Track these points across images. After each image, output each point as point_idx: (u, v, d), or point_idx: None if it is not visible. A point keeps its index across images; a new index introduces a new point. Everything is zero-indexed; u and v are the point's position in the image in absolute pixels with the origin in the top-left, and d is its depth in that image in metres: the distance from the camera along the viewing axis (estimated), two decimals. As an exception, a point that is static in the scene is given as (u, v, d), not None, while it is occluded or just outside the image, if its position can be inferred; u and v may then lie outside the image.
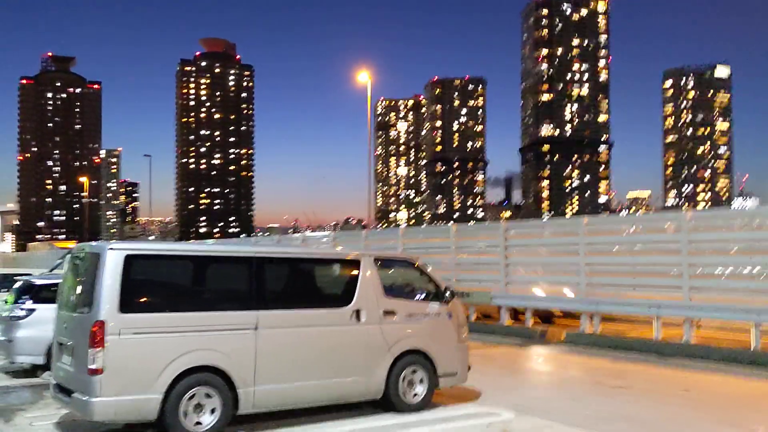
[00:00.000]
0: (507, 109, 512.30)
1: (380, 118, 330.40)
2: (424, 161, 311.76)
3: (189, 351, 7.06)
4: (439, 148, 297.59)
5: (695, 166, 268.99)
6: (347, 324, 8.10)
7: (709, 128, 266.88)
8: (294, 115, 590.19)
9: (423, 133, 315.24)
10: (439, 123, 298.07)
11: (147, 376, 6.84)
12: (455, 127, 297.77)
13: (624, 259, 14.86)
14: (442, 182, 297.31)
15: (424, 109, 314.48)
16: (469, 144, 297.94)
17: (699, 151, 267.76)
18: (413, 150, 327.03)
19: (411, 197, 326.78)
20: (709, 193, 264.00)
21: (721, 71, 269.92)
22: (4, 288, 17.86)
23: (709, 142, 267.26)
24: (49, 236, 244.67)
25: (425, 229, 27.35)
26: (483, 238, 18.44)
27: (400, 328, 8.45)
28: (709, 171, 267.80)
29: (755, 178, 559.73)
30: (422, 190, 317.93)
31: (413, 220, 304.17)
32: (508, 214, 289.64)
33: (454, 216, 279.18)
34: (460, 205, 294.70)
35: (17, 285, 12.12)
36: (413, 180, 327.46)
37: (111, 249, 6.96)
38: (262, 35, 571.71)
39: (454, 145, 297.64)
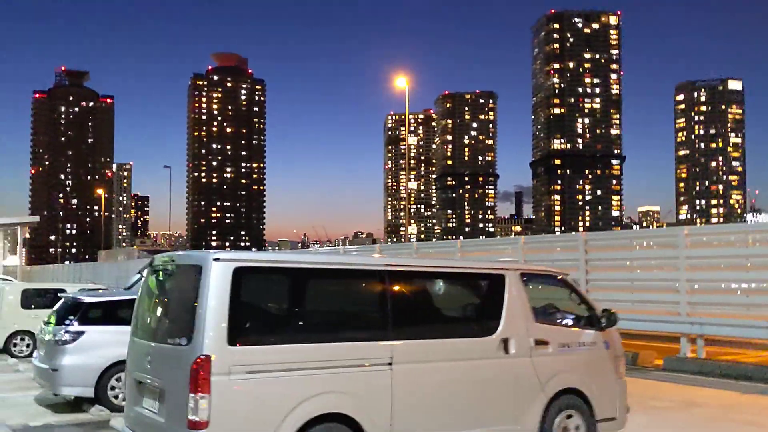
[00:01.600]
0: (518, 124, 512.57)
1: (390, 132, 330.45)
2: (435, 176, 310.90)
3: (313, 395, 5.39)
4: (449, 162, 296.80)
5: (707, 181, 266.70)
6: (493, 357, 6.38)
7: (721, 142, 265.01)
8: (304, 129, 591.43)
9: (434, 147, 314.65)
10: (449, 137, 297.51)
11: (263, 429, 5.18)
12: (466, 141, 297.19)
13: (735, 275, 13.16)
14: (453, 196, 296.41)
15: (434, 123, 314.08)
16: (480, 158, 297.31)
17: (712, 165, 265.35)
18: (423, 164, 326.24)
19: (421, 211, 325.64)
20: (722, 208, 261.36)
21: (734, 85, 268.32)
22: (36, 305, 16.33)
23: (721, 157, 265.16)
24: (60, 250, 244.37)
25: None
26: (557, 251, 16.77)
27: (554, 361, 6.73)
28: (721, 186, 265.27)
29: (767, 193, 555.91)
30: (432, 204, 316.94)
31: (422, 235, 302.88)
32: (518, 228, 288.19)
33: (465, 230, 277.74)
34: (470, 219, 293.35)
35: (61, 303, 10.52)
36: (423, 194, 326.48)
37: (217, 260, 5.24)
38: (274, 50, 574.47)
39: (465, 159, 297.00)
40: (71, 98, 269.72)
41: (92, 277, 45.04)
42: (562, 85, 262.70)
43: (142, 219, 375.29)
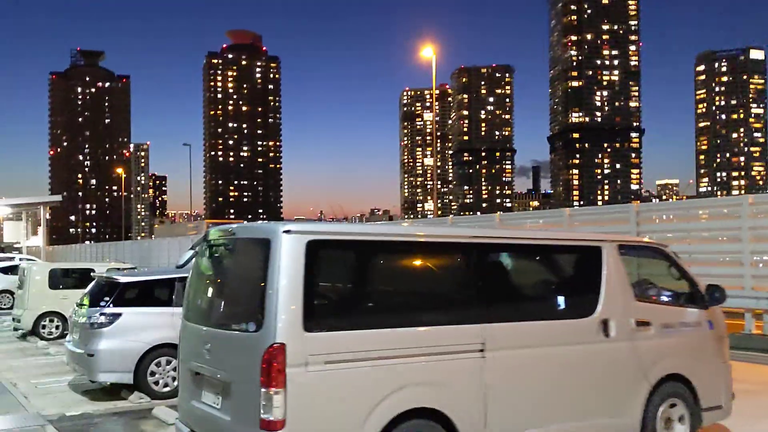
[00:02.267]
0: (535, 97, 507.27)
1: (406, 108, 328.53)
2: (451, 151, 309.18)
3: (400, 388, 4.68)
4: (466, 137, 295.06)
5: (728, 153, 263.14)
6: (592, 340, 5.62)
7: (743, 113, 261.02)
8: (320, 106, 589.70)
9: (450, 122, 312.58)
10: (465, 112, 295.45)
11: (344, 428, 4.53)
12: (482, 116, 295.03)
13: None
14: (470, 172, 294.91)
15: (450, 99, 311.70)
16: (497, 133, 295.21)
17: (733, 137, 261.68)
18: (439, 140, 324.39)
19: (438, 187, 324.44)
20: (743, 180, 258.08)
21: (755, 54, 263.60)
22: (65, 285, 15.74)
23: (743, 128, 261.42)
24: (80, 230, 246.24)
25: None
26: (606, 224, 15.89)
27: (657, 345, 5.95)
28: (743, 157, 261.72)
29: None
30: (449, 179, 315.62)
31: (440, 211, 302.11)
32: (536, 203, 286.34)
33: (482, 206, 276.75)
34: (487, 194, 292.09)
35: (94, 284, 9.87)
36: (440, 170, 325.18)
37: (287, 232, 4.51)
38: (288, 27, 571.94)
39: (482, 135, 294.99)
40: (87, 78, 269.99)
41: (115, 257, 44.75)
42: (580, 58, 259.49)
43: (160, 199, 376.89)
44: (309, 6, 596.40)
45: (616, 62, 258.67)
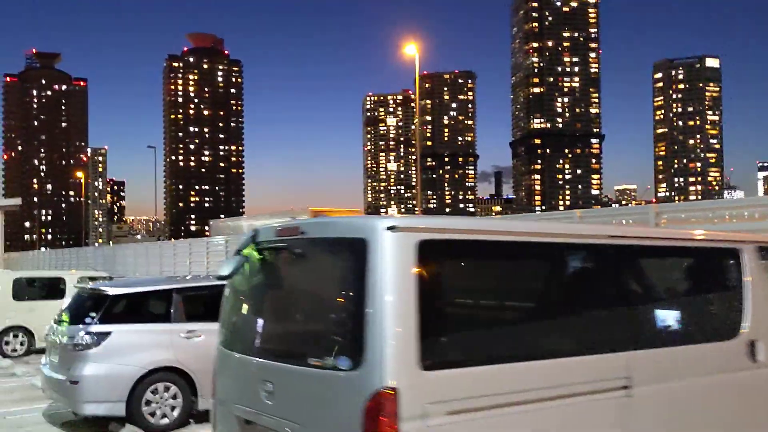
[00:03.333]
0: (497, 103, 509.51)
1: (369, 113, 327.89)
2: (414, 157, 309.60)
3: None
4: (429, 143, 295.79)
5: (685, 159, 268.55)
6: (738, 367, 4.53)
7: (699, 120, 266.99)
8: (282, 111, 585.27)
9: (413, 128, 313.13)
10: (429, 118, 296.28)
11: None
12: (445, 121, 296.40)
13: None
14: (433, 177, 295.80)
15: (413, 104, 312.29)
16: (459, 139, 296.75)
17: (689, 143, 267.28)
18: (403, 145, 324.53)
19: (401, 192, 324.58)
20: (700, 186, 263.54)
21: (711, 63, 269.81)
22: (31, 296, 14.14)
23: (699, 134, 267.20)
24: (36, 237, 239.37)
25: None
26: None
27: None
28: (699, 163, 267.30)
29: (744, 171, 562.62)
30: (412, 185, 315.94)
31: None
32: (498, 208, 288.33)
33: (446, 211, 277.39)
34: (450, 199, 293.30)
35: (76, 296, 8.45)
36: (403, 176, 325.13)
37: (392, 229, 3.39)
38: (250, 30, 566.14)
39: (444, 140, 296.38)
40: (43, 81, 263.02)
41: (77, 264, 42.72)
42: (542, 64, 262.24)
43: (118, 204, 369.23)
44: (271, 10, 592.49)
45: (576, 69, 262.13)
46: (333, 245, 3.76)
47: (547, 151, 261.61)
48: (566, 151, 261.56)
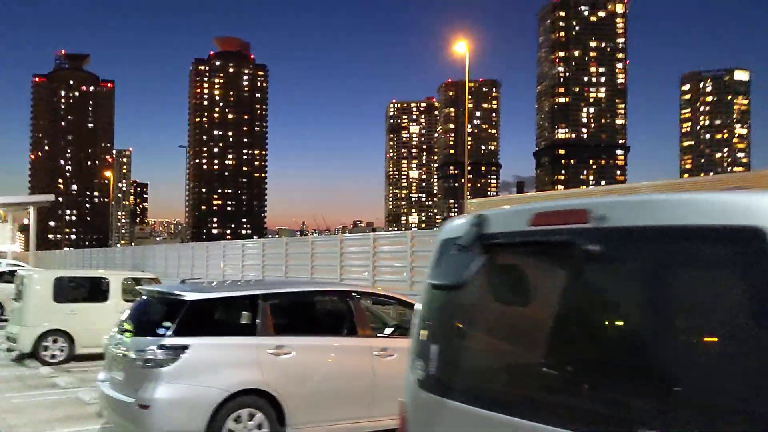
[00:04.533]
0: (522, 113, 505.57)
1: (392, 120, 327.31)
2: (437, 164, 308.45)
3: None
4: (452, 151, 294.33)
5: (712, 172, 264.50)
6: None
7: (727, 133, 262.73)
8: (306, 116, 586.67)
9: (436, 135, 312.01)
10: (452, 126, 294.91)
11: None
12: (468, 129, 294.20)
13: None
14: (455, 185, 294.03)
15: (437, 112, 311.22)
16: (483, 147, 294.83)
17: (716, 157, 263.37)
18: (425, 153, 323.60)
19: (423, 200, 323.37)
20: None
21: (740, 75, 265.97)
22: (72, 298, 13.00)
23: (726, 148, 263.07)
24: (60, 237, 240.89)
25: None
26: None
27: None
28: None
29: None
30: (434, 193, 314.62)
31: (423, 224, 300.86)
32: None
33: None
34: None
35: (142, 302, 7.22)
36: (425, 183, 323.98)
37: None
38: (277, 35, 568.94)
39: (468, 148, 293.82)
40: (71, 82, 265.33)
41: (105, 264, 41.78)
42: (567, 74, 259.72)
43: (141, 206, 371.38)
44: (298, 15, 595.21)
45: (603, 79, 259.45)
46: (682, 239, 2.31)
47: (572, 161, 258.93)
48: (591, 162, 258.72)
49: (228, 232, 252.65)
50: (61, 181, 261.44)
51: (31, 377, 11.10)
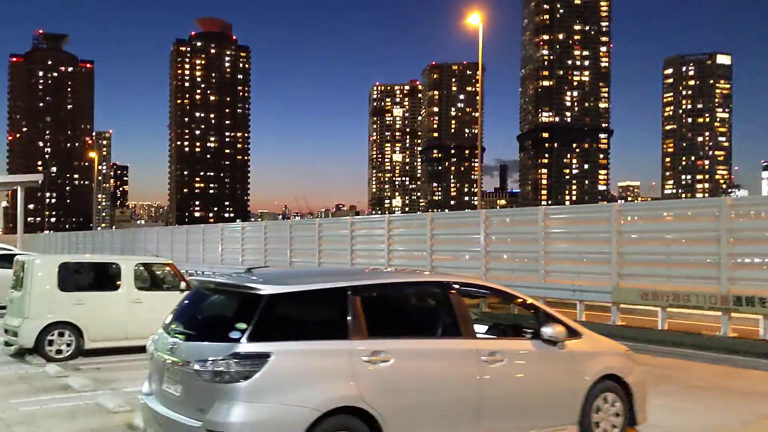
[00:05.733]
0: (505, 96, 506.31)
1: (375, 103, 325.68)
2: (420, 148, 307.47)
3: None
4: (435, 134, 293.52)
5: (694, 156, 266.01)
6: None
7: (708, 117, 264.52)
8: (288, 99, 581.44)
9: (419, 119, 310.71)
10: (436, 109, 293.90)
11: None
12: (452, 113, 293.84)
13: None
14: (439, 169, 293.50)
15: (420, 95, 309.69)
16: (467, 130, 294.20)
17: (698, 140, 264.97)
18: (409, 137, 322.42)
19: (406, 184, 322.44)
20: (707, 184, 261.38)
21: (722, 59, 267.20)
22: (79, 286, 11.59)
23: (708, 132, 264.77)
24: (39, 219, 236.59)
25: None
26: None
27: None
28: (707, 161, 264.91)
29: (749, 170, 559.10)
30: (417, 176, 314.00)
31: (407, 208, 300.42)
32: (503, 202, 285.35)
33: (451, 203, 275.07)
34: (456, 192, 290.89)
35: (194, 293, 5.82)
36: (408, 167, 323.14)
37: None
38: (259, 16, 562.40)
39: (451, 132, 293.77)
40: (49, 62, 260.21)
41: (92, 247, 40.19)
42: (551, 57, 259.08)
43: (121, 189, 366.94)
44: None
45: (587, 63, 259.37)
46: None
47: (555, 145, 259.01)
48: (574, 145, 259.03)
49: (210, 215, 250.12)
50: (40, 163, 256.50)
51: (38, 377, 9.70)
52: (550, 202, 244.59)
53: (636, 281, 14.18)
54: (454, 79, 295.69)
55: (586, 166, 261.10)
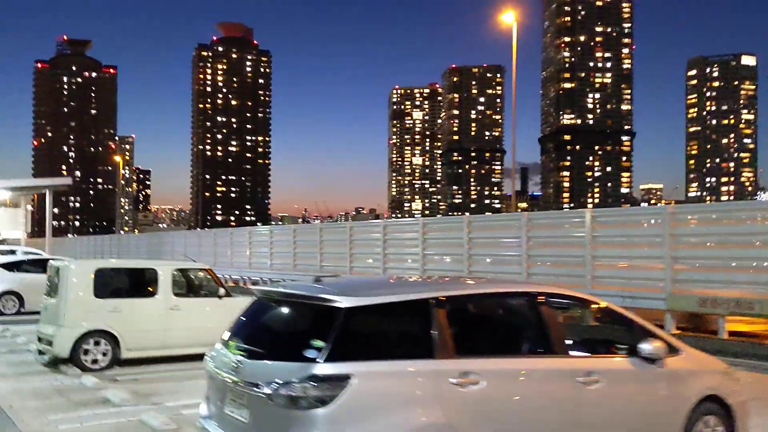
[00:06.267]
0: (526, 98, 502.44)
1: (395, 106, 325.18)
2: (440, 151, 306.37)
3: None
4: (455, 137, 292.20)
5: (718, 158, 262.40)
6: None
7: (733, 119, 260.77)
8: (309, 102, 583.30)
9: (439, 122, 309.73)
10: (456, 112, 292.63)
11: None
12: (473, 115, 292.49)
13: None
14: (459, 172, 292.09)
15: (440, 98, 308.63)
16: (487, 133, 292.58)
17: (723, 142, 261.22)
18: (428, 139, 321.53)
19: (426, 187, 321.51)
20: (732, 186, 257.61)
21: (747, 60, 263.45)
22: (115, 292, 11.12)
23: (733, 133, 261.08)
24: (63, 223, 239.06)
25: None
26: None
27: None
28: (732, 163, 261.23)
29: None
30: (437, 179, 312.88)
31: (427, 211, 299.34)
32: (524, 205, 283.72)
33: (471, 206, 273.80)
34: (476, 195, 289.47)
35: (260, 304, 5.13)
36: (428, 170, 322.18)
37: None
38: (280, 21, 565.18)
39: (471, 134, 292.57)
40: (74, 68, 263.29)
41: (118, 251, 39.96)
42: (573, 59, 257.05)
43: (143, 193, 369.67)
44: (301, 1, 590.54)
45: (608, 65, 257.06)
46: None
47: (577, 147, 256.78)
48: (596, 147, 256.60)
49: (232, 218, 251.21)
50: (64, 167, 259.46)
51: (75, 390, 9.20)
52: (572, 205, 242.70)
53: (693, 287, 13.53)
54: (474, 82, 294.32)
55: (608, 169, 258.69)
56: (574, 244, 16.08)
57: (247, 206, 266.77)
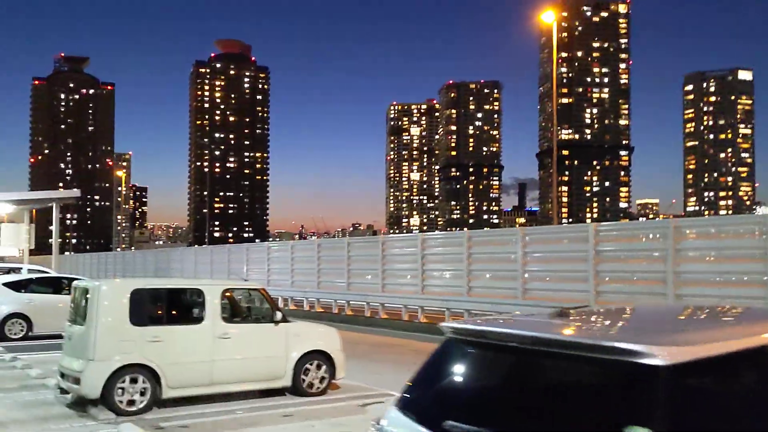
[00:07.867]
0: (524, 113, 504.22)
1: (393, 122, 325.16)
2: (438, 166, 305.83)
3: None
4: (453, 153, 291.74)
5: (716, 172, 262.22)
6: None
7: (731, 133, 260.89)
8: (306, 119, 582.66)
9: (437, 137, 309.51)
10: (453, 127, 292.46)
11: None
12: (470, 131, 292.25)
13: None
14: (457, 187, 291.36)
15: (438, 114, 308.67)
16: (485, 149, 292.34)
17: (720, 157, 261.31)
18: (426, 155, 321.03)
19: (424, 203, 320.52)
20: (731, 200, 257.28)
21: (744, 75, 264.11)
22: (154, 319, 9.29)
23: (730, 148, 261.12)
24: (60, 240, 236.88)
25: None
26: None
27: None
28: (730, 177, 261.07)
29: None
30: (435, 195, 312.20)
31: (425, 227, 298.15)
32: (522, 220, 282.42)
33: (470, 222, 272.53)
34: (474, 210, 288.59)
35: (452, 346, 3.22)
36: (426, 185, 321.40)
37: None
38: (277, 37, 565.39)
39: (469, 150, 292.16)
40: (71, 85, 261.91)
41: (123, 269, 38.15)
42: (570, 75, 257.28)
43: (140, 210, 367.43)
44: (298, 18, 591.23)
45: (606, 80, 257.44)
46: None
47: (575, 162, 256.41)
48: (594, 163, 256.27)
49: (230, 235, 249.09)
50: (61, 184, 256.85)
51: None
52: (570, 220, 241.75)
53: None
54: (471, 98, 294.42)
55: (607, 184, 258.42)
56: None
57: (245, 223, 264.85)
